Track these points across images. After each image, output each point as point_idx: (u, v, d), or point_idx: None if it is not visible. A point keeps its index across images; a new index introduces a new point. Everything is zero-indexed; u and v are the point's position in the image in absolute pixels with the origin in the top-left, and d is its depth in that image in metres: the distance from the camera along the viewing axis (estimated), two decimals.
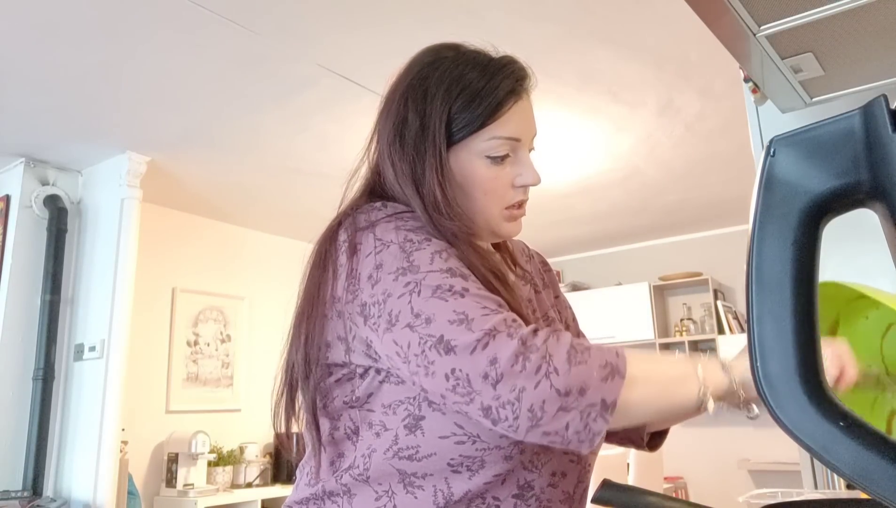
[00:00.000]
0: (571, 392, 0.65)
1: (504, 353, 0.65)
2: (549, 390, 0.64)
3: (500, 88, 0.83)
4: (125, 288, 3.45)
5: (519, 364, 0.65)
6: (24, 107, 3.04)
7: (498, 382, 0.65)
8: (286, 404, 0.82)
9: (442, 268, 0.73)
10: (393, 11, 2.43)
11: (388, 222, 0.78)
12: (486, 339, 0.66)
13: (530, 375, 0.64)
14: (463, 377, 0.66)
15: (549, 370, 0.65)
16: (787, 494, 1.01)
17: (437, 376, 0.68)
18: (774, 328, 0.44)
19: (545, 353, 0.66)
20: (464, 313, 0.68)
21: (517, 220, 0.87)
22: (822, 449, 0.42)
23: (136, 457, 3.95)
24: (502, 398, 0.65)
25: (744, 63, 1.17)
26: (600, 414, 0.65)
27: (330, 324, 0.78)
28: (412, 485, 0.74)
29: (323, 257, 0.79)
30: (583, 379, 0.65)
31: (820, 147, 0.45)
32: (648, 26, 2.58)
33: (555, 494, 0.79)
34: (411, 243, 0.75)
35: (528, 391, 0.64)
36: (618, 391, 0.66)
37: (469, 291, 0.71)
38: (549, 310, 0.97)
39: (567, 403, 0.64)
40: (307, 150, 3.57)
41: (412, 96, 0.84)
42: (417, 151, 0.82)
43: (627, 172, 4.11)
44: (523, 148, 0.86)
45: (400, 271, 0.73)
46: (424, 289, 0.71)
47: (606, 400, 0.65)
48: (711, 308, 5.20)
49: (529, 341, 0.66)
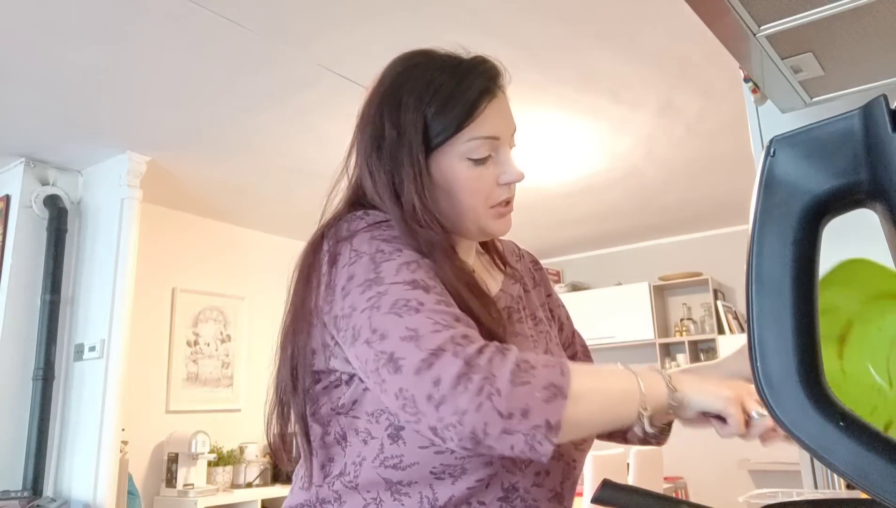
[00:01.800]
0: (514, 415, 0.64)
1: (447, 374, 0.65)
2: (492, 412, 0.64)
3: (472, 88, 0.83)
4: (125, 288, 3.45)
5: (461, 386, 0.64)
6: (24, 107, 3.04)
7: (440, 404, 0.64)
8: (278, 418, 0.83)
9: (405, 280, 0.73)
10: (393, 11, 2.43)
11: (366, 232, 0.78)
12: (431, 359, 0.66)
13: (472, 397, 0.64)
14: (409, 398, 0.66)
15: (492, 392, 0.64)
16: (787, 494, 1.01)
17: (389, 394, 0.68)
18: (774, 327, 0.44)
19: (488, 373, 0.65)
20: (415, 329, 0.68)
21: (506, 217, 0.88)
22: (821, 449, 0.42)
23: (136, 457, 3.95)
24: (445, 420, 0.64)
25: (744, 63, 1.17)
26: (545, 436, 0.64)
27: (315, 331, 0.79)
28: (399, 493, 0.75)
29: (308, 269, 0.80)
30: (525, 401, 0.64)
31: (820, 147, 0.45)
32: (648, 26, 2.58)
33: (541, 493, 0.79)
34: (381, 254, 0.75)
35: (469, 414, 0.64)
36: (561, 412, 0.65)
37: (424, 305, 0.70)
38: (538, 310, 0.97)
39: (510, 426, 0.64)
40: (307, 150, 3.58)
41: (386, 107, 0.84)
42: (395, 161, 0.82)
43: (627, 172, 4.11)
44: (504, 146, 0.86)
45: (366, 284, 0.73)
46: (384, 304, 0.71)
47: (550, 421, 0.64)
48: (711, 308, 5.20)
49: (473, 360, 0.65)
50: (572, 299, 5.48)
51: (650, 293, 5.38)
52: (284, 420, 0.83)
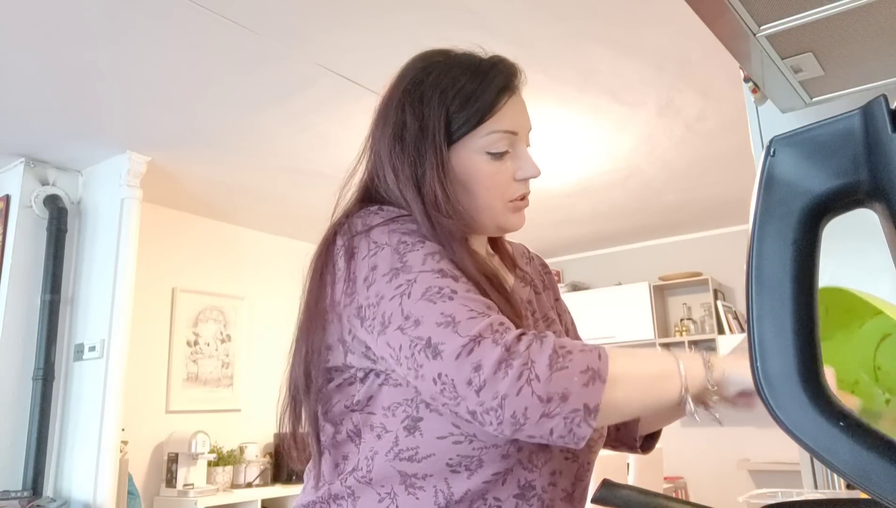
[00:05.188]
0: (553, 399, 0.65)
1: (488, 360, 0.66)
2: (531, 396, 0.65)
3: (493, 83, 0.85)
4: (125, 288, 3.45)
5: (502, 371, 0.65)
6: (24, 106, 3.04)
7: (481, 389, 0.66)
8: (290, 417, 0.84)
9: (434, 269, 0.74)
10: (393, 11, 2.43)
11: (384, 225, 0.79)
12: (471, 345, 0.67)
13: (512, 382, 0.65)
14: (449, 382, 0.67)
15: (531, 377, 0.65)
16: (787, 494, 1.01)
17: (426, 379, 0.69)
18: (774, 328, 0.44)
19: (527, 359, 0.66)
20: (451, 315, 0.69)
21: (521, 212, 0.89)
22: (822, 449, 0.42)
23: (136, 457, 3.95)
24: (486, 404, 0.66)
25: (744, 63, 1.17)
26: (584, 419, 0.66)
27: (330, 328, 0.79)
28: (413, 486, 0.75)
29: (321, 267, 0.81)
30: (564, 385, 0.66)
31: (820, 147, 0.45)
32: (649, 26, 2.58)
33: (555, 493, 0.79)
34: (405, 245, 0.76)
35: (510, 398, 0.65)
36: (600, 396, 0.66)
37: (458, 293, 0.72)
38: (549, 311, 0.98)
39: (549, 409, 0.65)
40: (307, 150, 3.57)
41: (409, 101, 0.85)
42: (418, 151, 0.83)
43: (627, 172, 4.11)
44: (521, 142, 0.87)
45: (393, 273, 0.74)
46: (415, 291, 0.72)
47: (589, 405, 0.66)
48: (711, 308, 5.20)
49: (513, 347, 0.67)
50: (572, 299, 5.48)
51: (650, 293, 5.39)
52: (297, 419, 0.84)
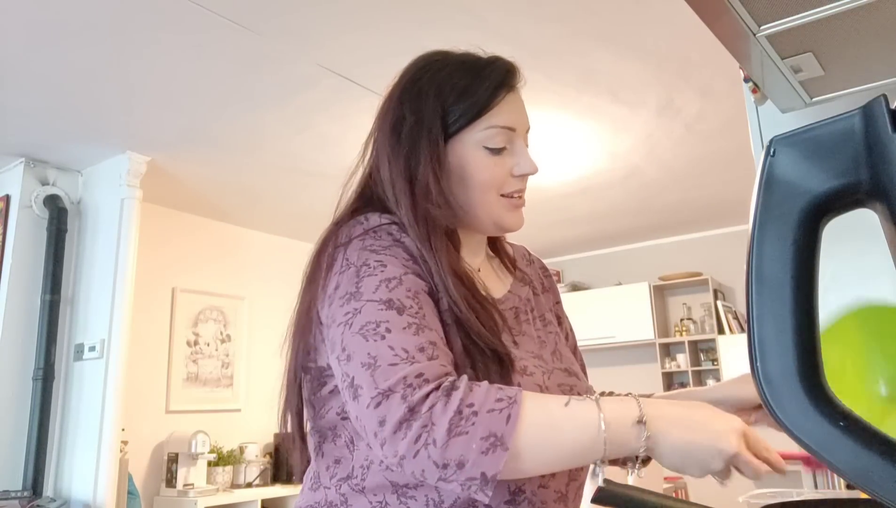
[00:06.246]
0: (449, 465, 0.64)
1: (392, 418, 0.66)
2: (428, 460, 0.65)
3: (490, 79, 0.85)
4: (125, 288, 3.45)
5: (402, 432, 0.65)
6: (24, 107, 3.04)
7: (384, 444, 0.67)
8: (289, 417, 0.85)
9: (381, 299, 0.73)
10: (393, 12, 2.43)
11: (360, 239, 0.79)
12: (380, 398, 0.67)
13: (410, 444, 0.65)
14: (363, 427, 0.69)
15: (428, 441, 0.65)
16: (787, 494, 1.01)
17: (351, 414, 0.72)
18: (774, 328, 0.44)
19: (427, 422, 0.65)
20: (375, 357, 0.70)
21: (518, 210, 0.89)
22: (822, 449, 0.42)
23: (136, 457, 3.95)
24: (388, 458, 0.67)
25: (744, 63, 1.17)
26: (480, 488, 0.64)
27: (315, 329, 0.82)
28: (405, 496, 0.76)
29: (313, 272, 0.83)
30: (461, 452, 0.64)
31: (820, 147, 0.45)
32: (648, 26, 2.58)
33: (547, 494, 0.79)
34: (366, 268, 0.76)
35: (407, 460, 0.65)
36: (499, 465, 0.64)
37: (392, 331, 0.71)
38: (546, 312, 0.98)
39: (446, 475, 0.65)
40: (307, 150, 3.57)
41: (406, 97, 0.86)
42: (413, 143, 0.84)
43: (627, 172, 4.11)
44: (519, 139, 0.88)
45: (347, 297, 0.75)
46: (356, 322, 0.73)
47: (487, 474, 0.64)
48: (711, 308, 5.20)
49: (417, 407, 0.66)
50: (572, 299, 5.47)
51: (650, 293, 5.38)
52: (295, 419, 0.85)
